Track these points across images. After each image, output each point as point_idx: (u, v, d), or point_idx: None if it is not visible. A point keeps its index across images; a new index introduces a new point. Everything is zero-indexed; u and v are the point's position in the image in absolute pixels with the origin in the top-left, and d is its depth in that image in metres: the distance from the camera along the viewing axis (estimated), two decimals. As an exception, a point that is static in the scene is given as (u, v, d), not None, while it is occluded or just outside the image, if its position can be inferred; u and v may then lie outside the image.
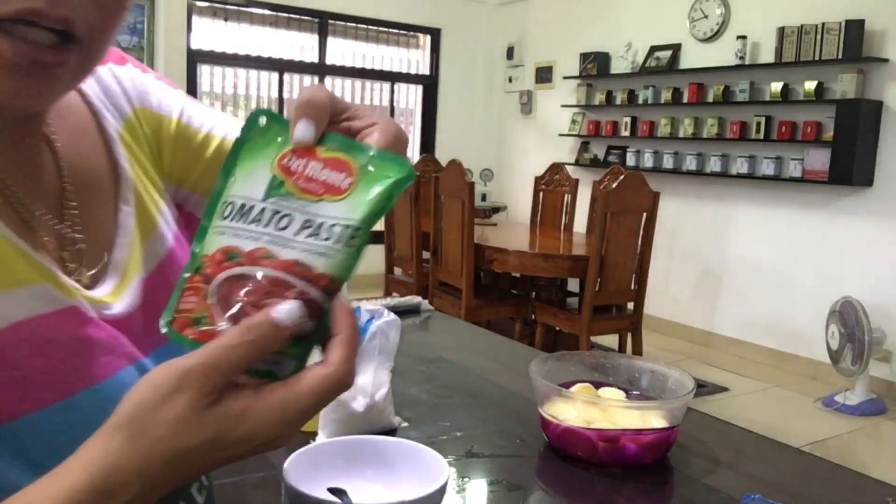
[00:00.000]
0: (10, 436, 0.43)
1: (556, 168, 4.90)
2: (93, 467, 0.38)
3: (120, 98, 0.59)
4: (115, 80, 0.59)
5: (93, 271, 0.51)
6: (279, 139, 0.44)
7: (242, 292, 0.41)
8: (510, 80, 6.82)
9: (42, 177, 0.50)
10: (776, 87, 4.53)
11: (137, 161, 0.58)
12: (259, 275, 0.41)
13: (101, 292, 0.50)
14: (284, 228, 0.41)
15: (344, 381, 0.42)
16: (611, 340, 4.18)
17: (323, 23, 6.15)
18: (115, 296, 0.51)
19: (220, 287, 0.41)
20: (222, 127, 0.65)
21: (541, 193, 4.98)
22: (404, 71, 6.74)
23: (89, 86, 0.57)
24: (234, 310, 0.40)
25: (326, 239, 0.41)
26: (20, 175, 0.48)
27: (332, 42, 6.25)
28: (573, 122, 6.09)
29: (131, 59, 0.62)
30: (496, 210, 6.36)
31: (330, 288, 0.41)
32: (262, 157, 0.44)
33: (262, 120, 0.45)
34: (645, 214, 3.63)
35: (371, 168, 0.43)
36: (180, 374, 0.38)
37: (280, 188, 0.42)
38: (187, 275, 0.43)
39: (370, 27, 6.44)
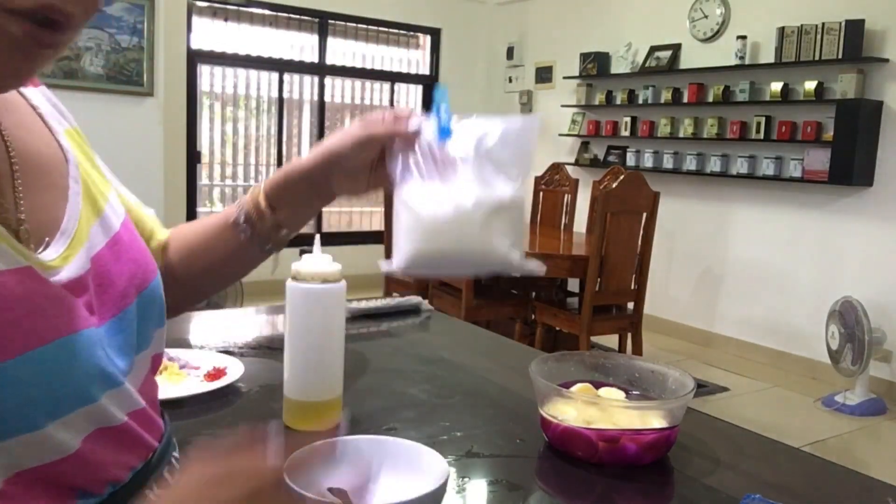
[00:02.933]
0: None
1: (556, 168, 4.90)
2: None
3: (57, 111, 0.65)
4: (48, 97, 0.65)
5: (42, 246, 0.54)
6: None
7: None
8: (510, 80, 6.82)
9: None
10: (776, 87, 4.53)
11: (86, 155, 0.65)
12: None
13: (48, 256, 0.53)
14: None
15: None
16: (611, 340, 4.18)
17: (323, 23, 6.15)
18: (63, 260, 0.54)
19: None
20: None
21: (541, 193, 4.98)
22: (404, 71, 6.74)
23: (30, 94, 0.63)
24: None
25: None
26: None
27: (332, 42, 6.25)
28: (573, 122, 6.09)
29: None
30: (496, 210, 6.35)
31: None
32: None
33: None
34: (645, 214, 3.63)
35: None
36: None
37: None
38: None
39: (370, 27, 6.44)
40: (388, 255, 0.76)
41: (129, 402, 0.58)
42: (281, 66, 6.02)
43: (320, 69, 6.22)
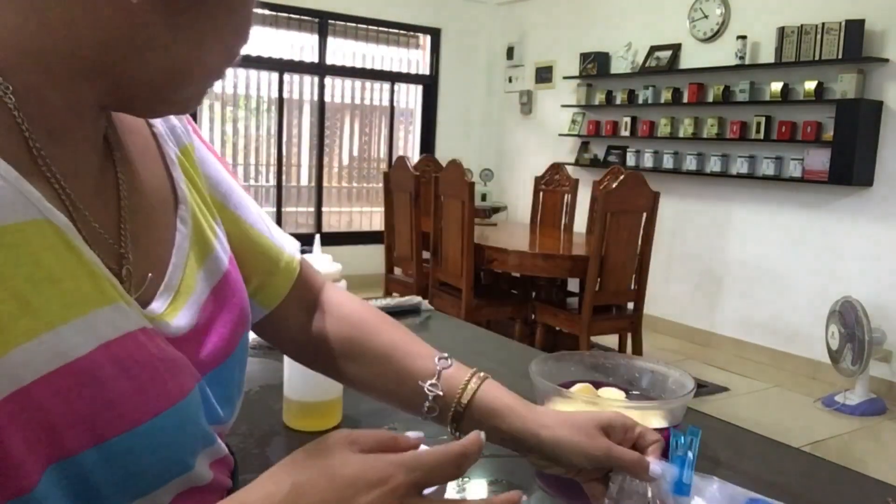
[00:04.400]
0: (82, 468, 0.42)
1: (556, 168, 4.90)
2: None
3: (176, 128, 0.62)
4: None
5: (140, 291, 0.51)
6: None
7: None
8: (510, 80, 6.82)
9: (104, 197, 0.51)
10: (776, 87, 4.53)
11: (193, 185, 0.60)
12: None
13: (156, 308, 0.51)
14: None
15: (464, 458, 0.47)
16: (611, 340, 4.17)
17: (323, 23, 6.15)
18: (170, 315, 0.51)
19: None
20: (292, 247, 0.73)
21: (541, 193, 4.98)
22: (404, 71, 6.74)
23: None
24: None
25: None
26: (87, 193, 0.49)
27: (332, 42, 6.25)
28: (573, 122, 6.09)
29: None
30: (496, 210, 6.35)
31: None
32: None
33: None
34: (645, 214, 3.63)
35: None
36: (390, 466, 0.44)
37: None
38: None
39: (370, 27, 6.44)
40: (389, 254, 0.76)
41: (216, 452, 0.55)
42: (281, 66, 6.02)
43: (320, 69, 6.22)
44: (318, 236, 0.93)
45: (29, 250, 0.41)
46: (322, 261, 0.90)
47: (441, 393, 0.70)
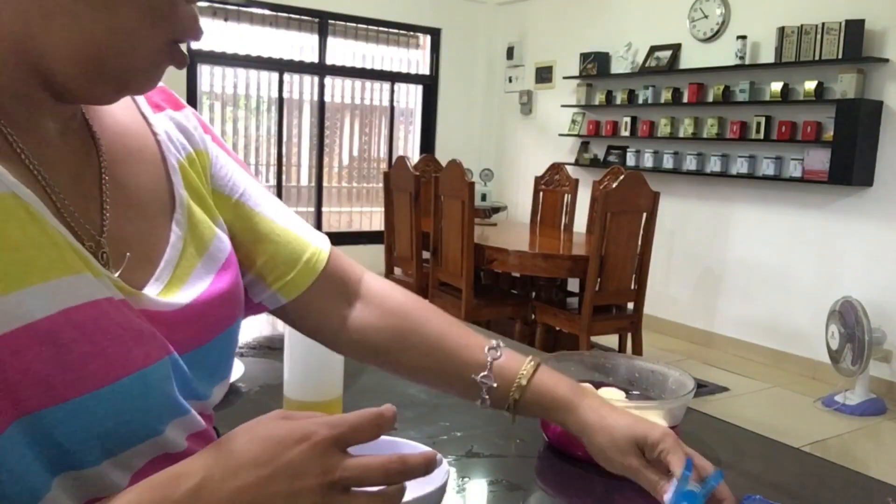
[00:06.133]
0: (44, 425, 0.45)
1: (556, 168, 4.90)
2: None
3: (192, 135, 0.66)
4: (177, 122, 0.66)
5: (119, 270, 0.54)
6: None
7: None
8: (510, 80, 6.82)
9: (84, 187, 0.54)
10: (776, 87, 4.53)
11: (195, 190, 0.63)
12: None
13: (150, 292, 0.54)
14: None
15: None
16: (611, 340, 4.17)
17: (323, 23, 6.15)
18: (167, 293, 0.55)
19: None
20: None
21: (541, 193, 4.98)
22: (404, 71, 6.74)
23: (156, 120, 0.63)
24: None
25: None
26: (59, 181, 0.52)
27: (332, 42, 6.25)
28: (573, 122, 6.09)
29: (190, 108, 0.69)
30: (496, 210, 6.36)
31: None
32: None
33: None
34: (645, 214, 3.63)
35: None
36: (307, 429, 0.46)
37: None
38: None
39: (370, 27, 6.44)
40: (389, 254, 0.77)
41: (192, 425, 0.57)
42: (281, 66, 6.02)
43: (320, 69, 6.22)
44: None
45: None
46: None
47: (495, 385, 0.74)
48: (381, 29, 6.51)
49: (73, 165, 0.54)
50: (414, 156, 6.61)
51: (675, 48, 5.23)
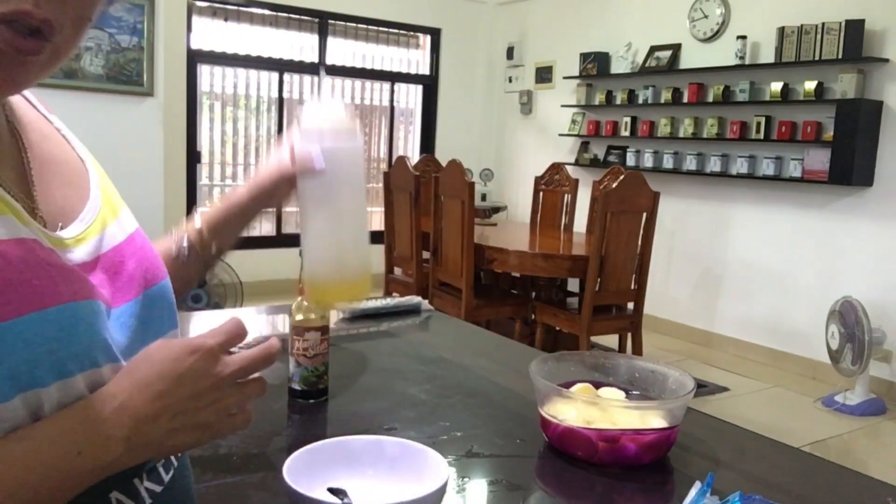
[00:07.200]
0: None
1: (556, 168, 4.90)
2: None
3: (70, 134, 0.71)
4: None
5: (56, 230, 0.58)
6: None
7: None
8: (510, 80, 6.82)
9: (10, 161, 0.58)
10: (776, 87, 4.53)
11: (104, 176, 0.69)
12: None
13: (64, 234, 0.58)
14: None
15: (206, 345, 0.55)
16: (611, 340, 4.17)
17: (323, 23, 6.15)
18: (77, 242, 0.58)
19: None
20: None
21: (541, 193, 4.98)
22: (404, 71, 6.74)
23: (53, 118, 0.69)
24: None
25: None
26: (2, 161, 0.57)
27: (332, 42, 6.24)
28: (573, 122, 6.09)
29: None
30: (496, 210, 6.36)
31: None
32: None
33: None
34: (645, 214, 3.63)
35: None
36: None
37: None
38: None
39: (370, 27, 6.44)
40: (389, 254, 0.78)
41: None
42: (281, 66, 6.01)
43: (320, 69, 6.22)
44: (322, 68, 0.92)
45: None
46: (332, 108, 0.84)
47: (189, 239, 0.91)
48: (380, 29, 6.51)
49: (6, 151, 0.58)
50: (414, 156, 6.61)
51: (675, 48, 5.23)
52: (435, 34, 6.78)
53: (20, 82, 0.53)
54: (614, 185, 3.57)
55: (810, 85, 4.35)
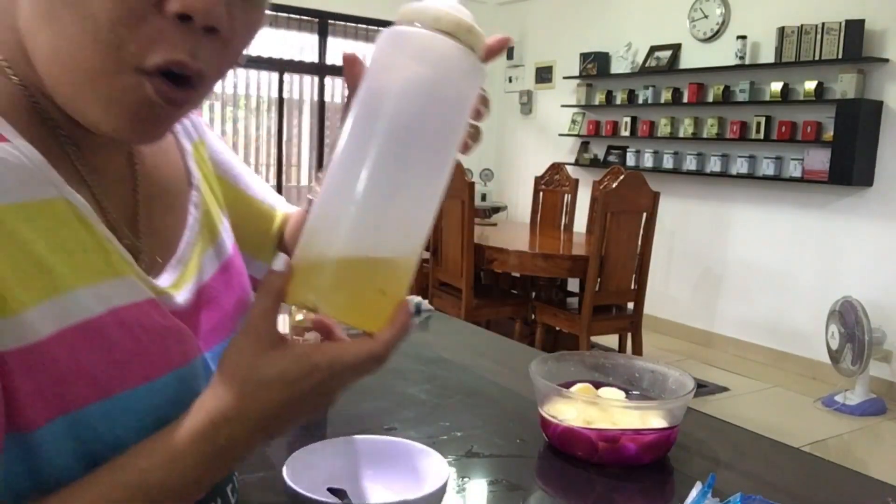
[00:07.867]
0: (87, 420, 0.46)
1: (556, 168, 4.90)
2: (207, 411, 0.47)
3: (187, 126, 0.67)
4: None
5: (154, 269, 0.56)
6: None
7: None
8: (510, 80, 6.82)
9: (120, 188, 0.56)
10: (776, 87, 4.53)
11: (204, 176, 0.66)
12: None
13: (163, 282, 0.55)
14: None
15: (381, 357, 0.49)
16: (611, 340, 4.17)
17: (323, 23, 6.15)
18: (176, 288, 0.56)
19: None
20: (283, 205, 0.82)
21: (541, 193, 4.98)
22: (404, 71, 6.73)
23: None
24: None
25: None
26: (104, 184, 0.54)
27: (332, 42, 6.24)
28: (573, 122, 6.09)
29: None
30: (496, 210, 6.36)
31: None
32: None
33: None
34: (645, 214, 3.63)
35: None
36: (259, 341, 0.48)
37: None
38: None
39: (370, 27, 6.44)
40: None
41: None
42: (281, 66, 6.01)
43: (320, 69, 6.22)
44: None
45: (48, 224, 0.46)
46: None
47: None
48: (381, 29, 6.48)
49: (115, 167, 0.56)
50: (414, 156, 6.61)
51: (675, 48, 5.23)
52: (435, 34, 6.77)
53: (158, 133, 0.51)
54: (614, 185, 3.57)
55: (810, 85, 4.35)
